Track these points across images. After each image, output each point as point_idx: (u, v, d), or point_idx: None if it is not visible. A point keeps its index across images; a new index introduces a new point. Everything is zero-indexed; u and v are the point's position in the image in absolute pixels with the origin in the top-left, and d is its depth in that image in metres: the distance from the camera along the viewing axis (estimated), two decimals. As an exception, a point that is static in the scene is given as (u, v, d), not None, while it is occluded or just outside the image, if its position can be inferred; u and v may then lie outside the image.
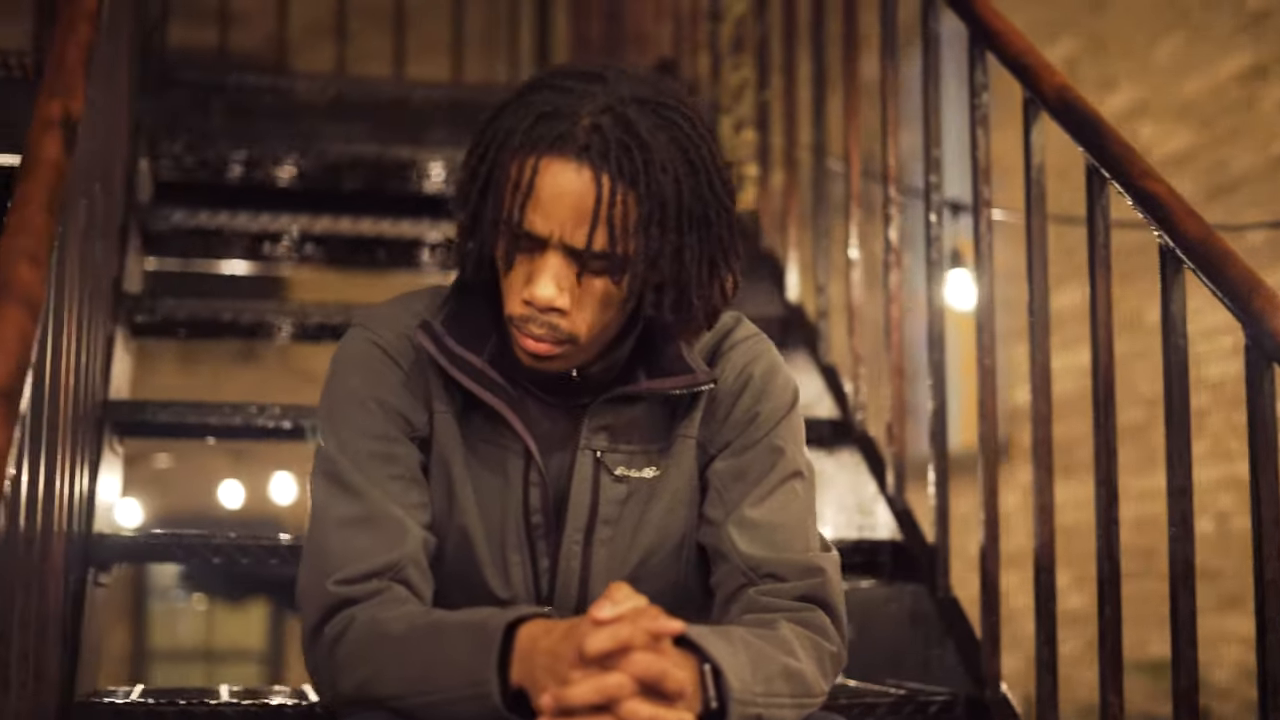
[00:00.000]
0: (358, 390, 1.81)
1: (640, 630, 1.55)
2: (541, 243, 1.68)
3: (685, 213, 1.71)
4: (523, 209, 1.68)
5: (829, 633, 1.78)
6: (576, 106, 1.68)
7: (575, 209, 1.66)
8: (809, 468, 1.89)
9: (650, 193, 1.67)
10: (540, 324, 1.70)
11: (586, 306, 1.71)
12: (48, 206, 1.70)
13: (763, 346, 1.92)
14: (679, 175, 1.70)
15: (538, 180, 1.67)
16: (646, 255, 1.68)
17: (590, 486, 1.81)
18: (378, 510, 1.75)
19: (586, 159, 1.66)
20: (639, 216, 1.67)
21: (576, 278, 1.70)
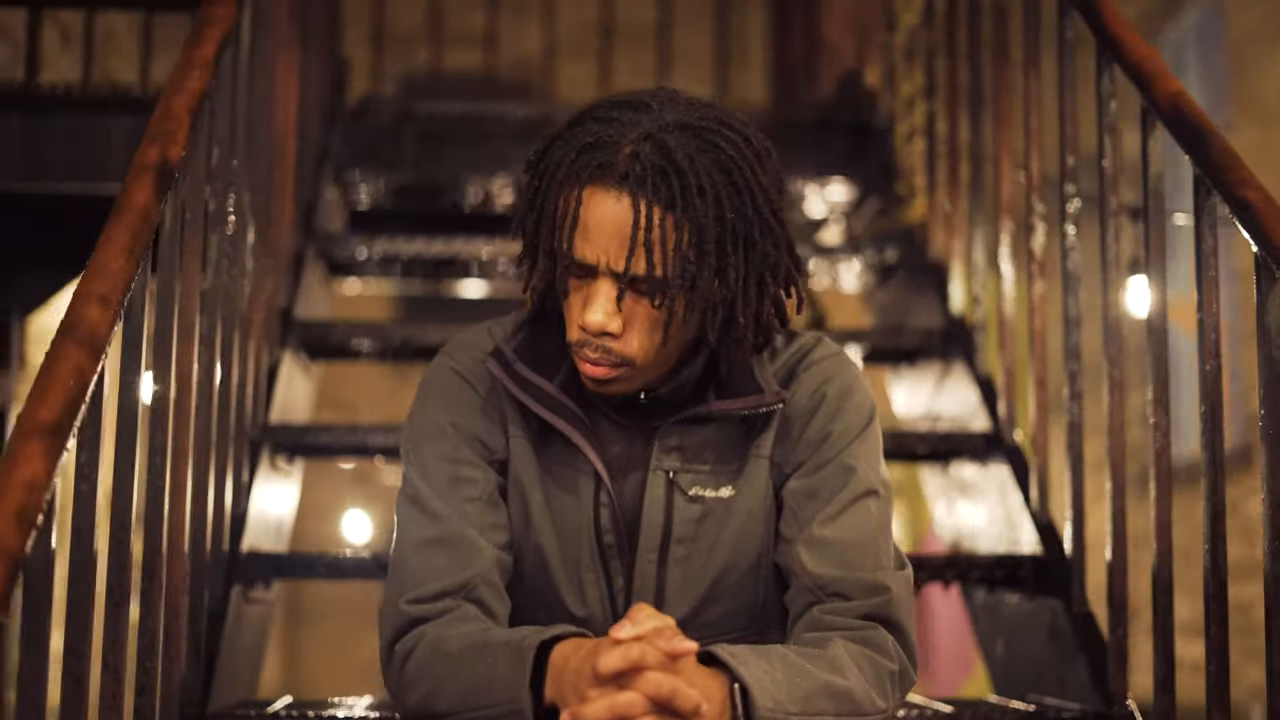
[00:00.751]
0: (437, 416, 1.88)
1: (653, 650, 1.58)
2: (592, 270, 1.74)
3: (729, 233, 1.73)
4: (571, 239, 1.74)
5: (889, 651, 1.78)
6: (618, 136, 1.72)
7: (617, 235, 1.71)
8: (885, 485, 1.89)
9: (688, 216, 1.71)
10: (595, 348, 1.76)
11: (637, 330, 1.75)
12: (128, 250, 1.82)
13: (838, 366, 1.92)
14: (720, 197, 1.72)
15: (582, 211, 1.72)
16: (684, 277, 1.72)
17: (663, 506, 1.85)
18: (453, 532, 1.82)
19: (626, 187, 1.71)
20: (677, 240, 1.71)
21: (631, 301, 1.74)
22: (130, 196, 1.91)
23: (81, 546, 1.73)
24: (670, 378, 1.85)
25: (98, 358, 1.66)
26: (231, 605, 2.64)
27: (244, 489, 2.82)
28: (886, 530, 1.88)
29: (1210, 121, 2.29)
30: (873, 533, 1.85)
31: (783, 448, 1.88)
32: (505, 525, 1.87)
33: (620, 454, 1.87)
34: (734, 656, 1.66)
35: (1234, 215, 2.13)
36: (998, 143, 3.27)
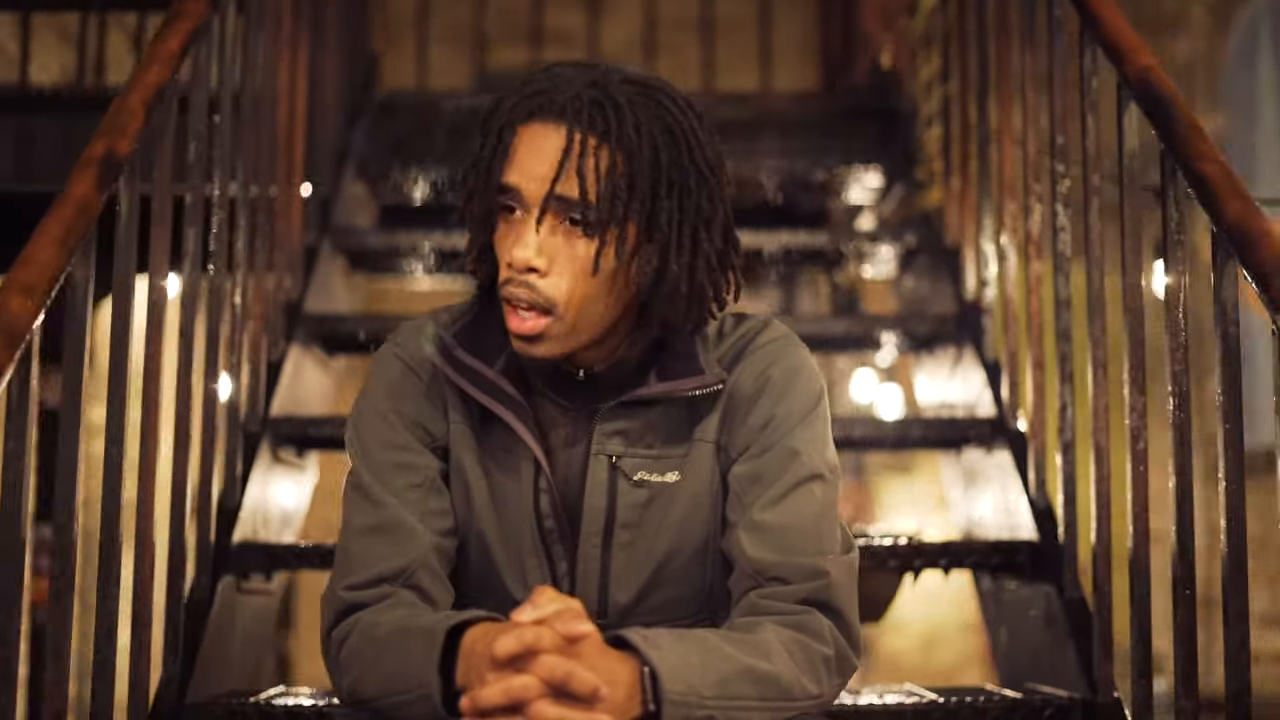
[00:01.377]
0: (379, 403, 1.88)
1: (549, 633, 1.57)
2: (521, 201, 1.73)
3: (663, 176, 1.74)
4: (501, 168, 1.74)
5: (824, 635, 1.76)
6: (563, 84, 1.75)
7: (548, 161, 1.72)
8: (832, 469, 1.87)
9: (621, 146, 1.72)
10: (519, 284, 1.74)
11: (565, 272, 1.74)
12: (58, 241, 1.84)
13: (785, 349, 1.90)
14: (656, 140, 1.74)
15: (516, 142, 1.74)
16: (614, 203, 1.72)
17: (605, 490, 1.84)
18: (391, 518, 1.82)
19: (563, 119, 1.73)
20: (610, 167, 1.72)
21: (561, 242, 1.73)
22: (69, 189, 1.94)
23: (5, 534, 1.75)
24: (610, 355, 1.83)
25: (14, 348, 1.68)
26: (220, 596, 2.66)
27: (237, 481, 2.84)
28: (831, 514, 1.85)
29: (1178, 96, 2.25)
30: (815, 517, 1.83)
31: (728, 432, 1.87)
32: (447, 511, 1.86)
33: (563, 438, 1.86)
34: (646, 640, 1.64)
35: (1190, 188, 2.09)
36: (999, 123, 3.22)
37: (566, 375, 1.84)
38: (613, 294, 1.78)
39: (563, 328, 1.76)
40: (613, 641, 1.65)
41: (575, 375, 1.84)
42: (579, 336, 1.78)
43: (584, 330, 1.78)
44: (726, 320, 1.93)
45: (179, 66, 2.31)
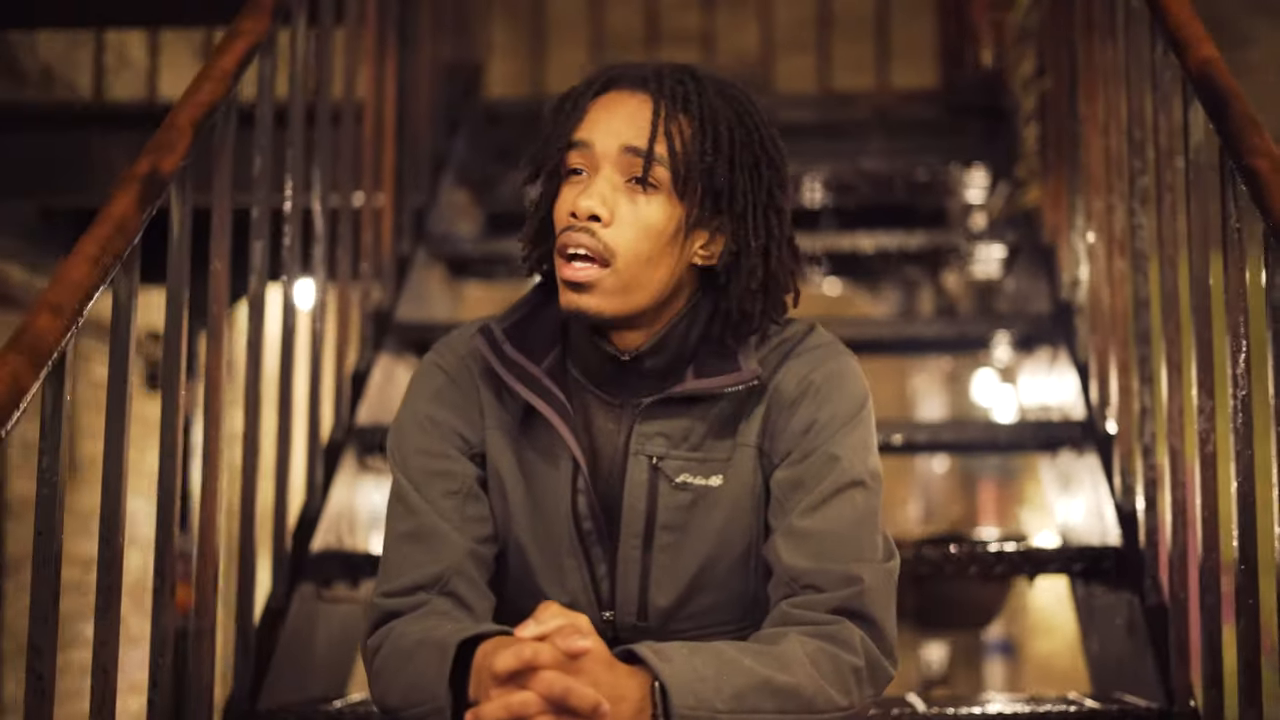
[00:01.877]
0: (418, 411, 1.90)
1: (548, 648, 1.57)
2: (593, 159, 1.76)
3: (737, 154, 1.78)
4: (574, 127, 1.78)
5: (854, 645, 1.74)
6: (645, 66, 1.81)
7: (631, 121, 1.76)
8: (874, 476, 1.85)
9: (704, 119, 1.76)
10: (579, 229, 1.74)
11: (628, 225, 1.75)
12: (92, 259, 1.88)
13: (829, 354, 1.89)
14: (731, 123, 1.78)
15: (592, 106, 1.78)
16: (688, 170, 1.74)
17: (646, 492, 1.83)
18: (426, 525, 1.84)
19: (644, 88, 1.78)
20: (694, 134, 1.75)
21: (626, 199, 1.75)
22: (108, 208, 1.97)
23: (43, 548, 1.79)
24: (655, 337, 1.82)
25: (39, 365, 1.72)
26: (296, 604, 2.70)
27: (317, 489, 2.87)
28: (871, 521, 1.83)
29: (1238, 90, 2.18)
30: (853, 524, 1.81)
31: (771, 437, 1.85)
32: (486, 518, 1.87)
33: (605, 436, 1.86)
34: (657, 654, 1.63)
35: (1244, 184, 2.02)
36: (1085, 119, 3.16)
37: (609, 363, 1.83)
38: (671, 261, 1.78)
39: (616, 282, 1.75)
40: (624, 655, 1.64)
41: (618, 357, 1.82)
42: (630, 298, 1.77)
43: (636, 292, 1.77)
44: (770, 325, 1.91)
45: (234, 83, 2.34)
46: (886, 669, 1.78)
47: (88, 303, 1.85)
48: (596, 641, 1.60)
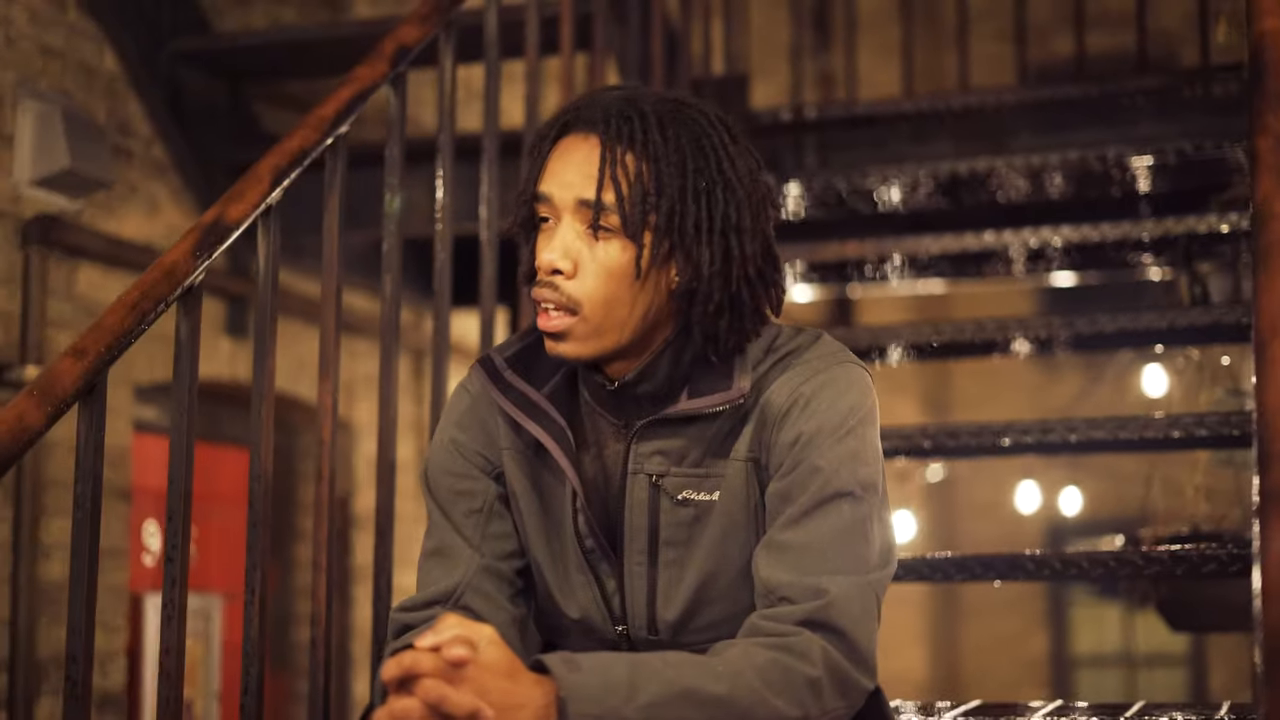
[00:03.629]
0: (444, 434, 2.02)
1: (427, 657, 1.63)
2: (554, 209, 1.84)
3: (689, 184, 1.81)
4: (537, 180, 1.86)
5: (811, 656, 1.73)
6: (598, 101, 1.87)
7: (580, 170, 1.82)
8: (865, 486, 1.84)
9: (648, 153, 1.81)
10: (544, 285, 1.83)
11: (590, 274, 1.81)
12: (130, 305, 2.07)
13: (825, 364, 1.88)
14: (684, 149, 1.82)
15: (551, 155, 1.87)
16: (644, 205, 1.80)
17: (646, 509, 1.89)
18: (447, 543, 1.96)
19: (593, 130, 1.84)
20: (638, 171, 1.80)
21: (585, 246, 1.82)
22: (162, 256, 2.17)
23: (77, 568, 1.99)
24: (640, 366, 1.87)
25: (50, 408, 1.92)
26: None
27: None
28: (856, 532, 1.82)
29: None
30: (835, 536, 1.81)
31: (765, 450, 1.87)
32: (508, 535, 1.96)
33: (615, 456, 1.92)
34: (567, 663, 1.67)
35: None
36: None
37: (603, 389, 1.89)
38: (640, 299, 1.83)
39: (586, 328, 1.82)
40: (536, 665, 1.70)
41: (608, 386, 1.88)
42: (605, 339, 1.84)
43: (609, 333, 1.83)
44: (782, 334, 1.93)
45: (332, 129, 2.50)
46: (856, 680, 1.76)
47: (119, 345, 2.04)
48: (496, 651, 1.64)
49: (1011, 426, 3.06)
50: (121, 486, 4.54)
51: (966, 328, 3.41)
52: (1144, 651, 11.99)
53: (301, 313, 5.17)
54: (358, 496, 5.72)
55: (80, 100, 4.40)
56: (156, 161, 4.73)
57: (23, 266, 4.17)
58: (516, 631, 1.94)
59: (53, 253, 4.26)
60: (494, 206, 2.98)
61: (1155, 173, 3.95)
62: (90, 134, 4.26)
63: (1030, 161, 3.96)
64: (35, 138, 4.15)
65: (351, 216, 4.39)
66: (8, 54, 4.17)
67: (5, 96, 4.15)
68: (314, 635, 2.41)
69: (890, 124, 4.46)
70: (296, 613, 5.70)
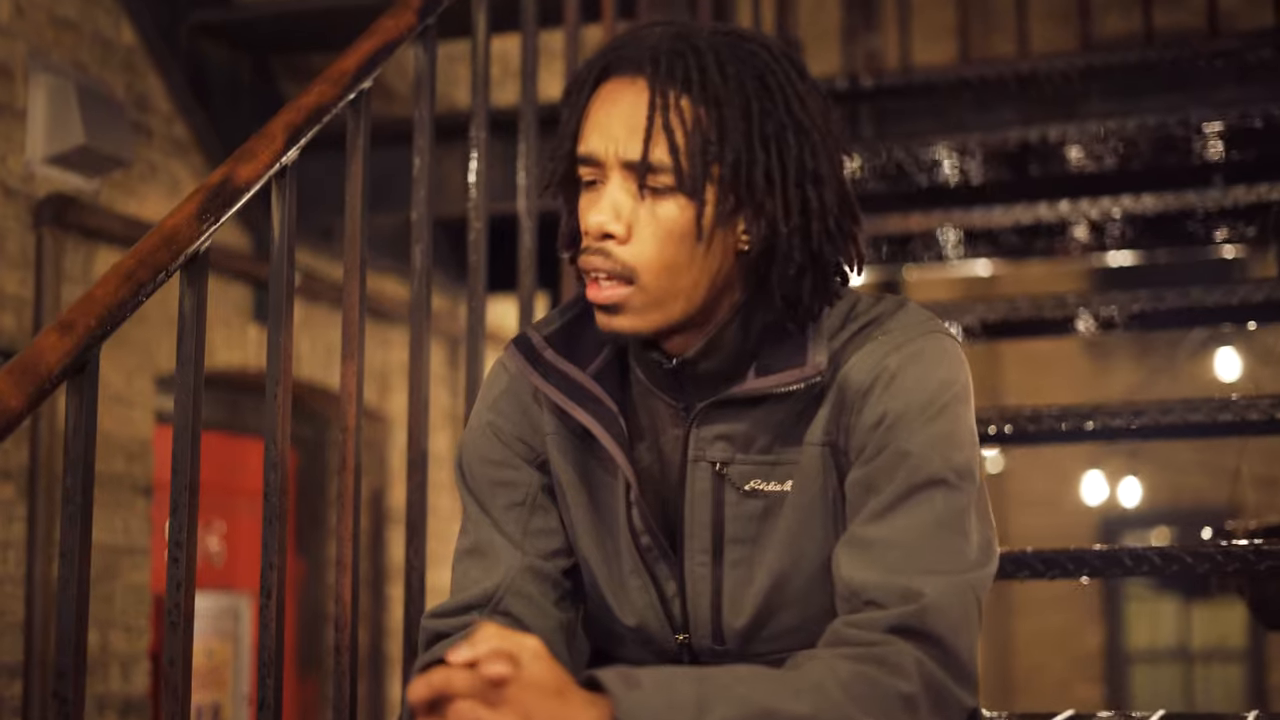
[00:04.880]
0: (483, 416, 1.82)
1: (462, 676, 1.43)
2: (600, 167, 1.61)
3: (755, 129, 1.59)
4: (578, 134, 1.63)
5: (906, 669, 1.51)
6: (643, 39, 1.63)
7: (628, 121, 1.59)
8: (960, 473, 1.62)
9: (707, 96, 1.58)
10: (595, 252, 1.60)
11: (647, 237, 1.59)
12: (127, 275, 1.84)
13: (910, 336, 1.67)
14: (746, 89, 1.59)
15: (593, 103, 1.63)
16: (705, 157, 1.57)
17: (710, 502, 1.68)
18: (485, 540, 1.75)
19: (641, 73, 1.60)
20: (695, 120, 1.57)
21: (638, 206, 1.59)
22: (163, 220, 1.94)
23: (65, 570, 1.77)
24: (703, 341, 1.65)
25: (32, 389, 1.69)
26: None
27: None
28: (954, 525, 1.60)
29: None
30: (927, 530, 1.59)
31: (844, 432, 1.65)
32: (554, 530, 1.76)
33: (673, 442, 1.71)
34: (624, 679, 1.46)
35: None
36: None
37: (660, 368, 1.68)
38: (704, 264, 1.61)
39: (644, 299, 1.60)
40: (588, 681, 1.47)
41: (666, 364, 1.66)
42: (665, 311, 1.62)
43: (670, 304, 1.61)
44: (860, 302, 1.72)
45: (354, 84, 2.27)
46: (956, 695, 1.55)
47: (112, 318, 1.82)
48: (541, 666, 1.43)
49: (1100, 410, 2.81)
50: (143, 481, 4.34)
51: (1022, 305, 3.19)
52: (1200, 647, 11.75)
53: (331, 299, 4.98)
54: (392, 492, 5.53)
55: (96, 74, 4.20)
56: (177, 140, 4.53)
57: (36, 249, 3.97)
58: (563, 640, 1.75)
59: (68, 235, 4.06)
60: (533, 181, 2.75)
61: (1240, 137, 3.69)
62: (107, 109, 4.05)
63: (1105, 126, 3.71)
64: (48, 113, 3.95)
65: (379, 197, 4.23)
66: (18, 24, 3.96)
67: (16, 69, 3.94)
68: (337, 641, 2.19)
69: (950, 92, 4.21)
70: (330, 613, 5.52)
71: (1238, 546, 2.47)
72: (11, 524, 3.86)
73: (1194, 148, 3.69)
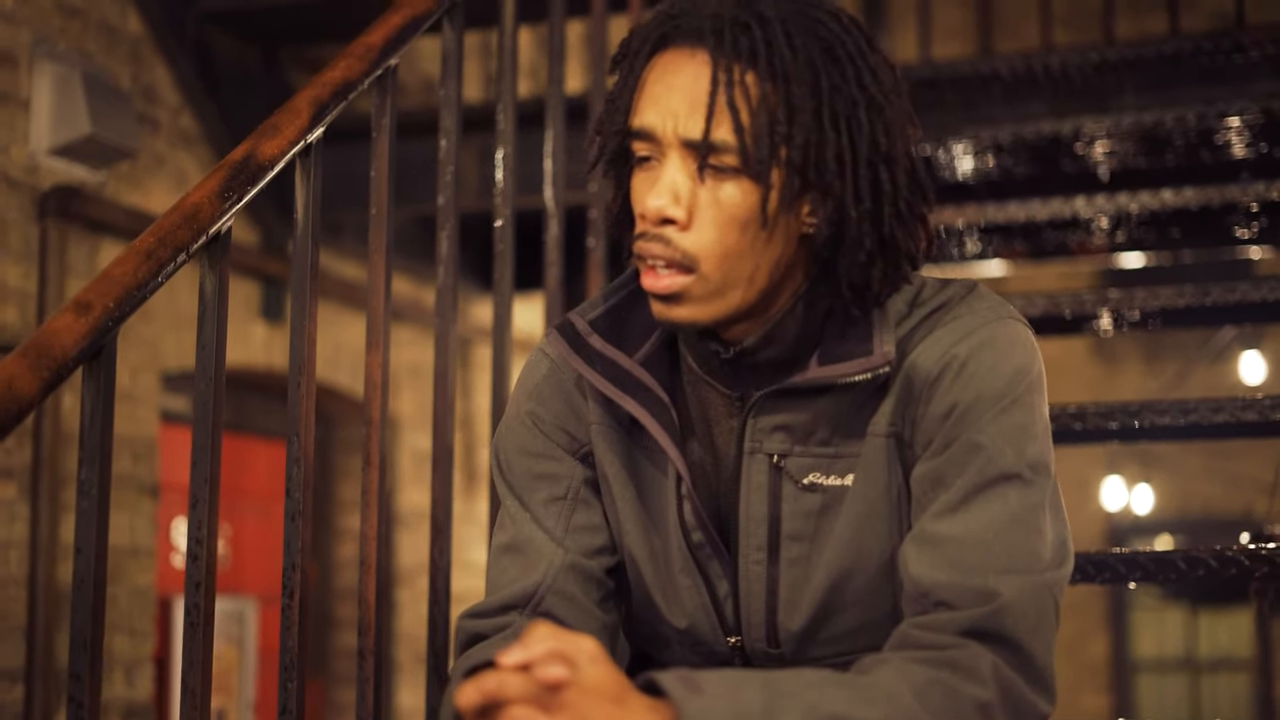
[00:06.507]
0: (522, 405, 1.71)
1: (516, 680, 1.33)
2: (658, 144, 1.49)
3: (825, 106, 1.47)
4: (632, 107, 1.52)
5: (981, 675, 1.42)
6: (703, 5, 1.51)
7: (688, 96, 1.48)
8: (1035, 468, 1.52)
9: (774, 71, 1.46)
10: (652, 239, 1.50)
11: (708, 222, 1.48)
12: (146, 254, 1.74)
13: (981, 321, 1.56)
14: (816, 64, 1.47)
15: (649, 74, 1.52)
16: (773, 137, 1.46)
17: (767, 496, 1.58)
18: (524, 536, 1.65)
19: (701, 44, 1.48)
20: (762, 97, 1.46)
21: (698, 188, 1.49)
22: (183, 197, 1.83)
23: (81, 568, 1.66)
24: (765, 327, 1.55)
25: (47, 373, 1.58)
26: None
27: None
28: (1028, 522, 1.50)
29: None
30: (1002, 527, 1.49)
31: (910, 423, 1.56)
32: (598, 526, 1.66)
33: (727, 433, 1.61)
34: (686, 684, 1.36)
35: None
36: None
37: (717, 356, 1.57)
38: (767, 250, 1.51)
39: (706, 288, 1.50)
40: (647, 685, 1.37)
41: (723, 353, 1.56)
42: (727, 300, 1.51)
43: (732, 292, 1.51)
44: (927, 286, 1.62)
45: (381, 59, 2.16)
46: (1034, 704, 1.45)
47: (131, 299, 1.70)
48: (600, 670, 1.33)
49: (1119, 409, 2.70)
50: (149, 482, 4.23)
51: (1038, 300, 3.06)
52: (1207, 657, 11.65)
53: (340, 296, 4.88)
54: (401, 493, 5.42)
55: (102, 64, 4.09)
56: (184, 131, 4.42)
57: (40, 241, 3.86)
58: (608, 642, 1.64)
59: (73, 227, 3.95)
60: (560, 170, 2.64)
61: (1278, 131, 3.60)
62: (113, 99, 3.94)
63: (1141, 120, 3.61)
64: (53, 102, 3.84)
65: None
66: (22, 10, 3.85)
67: (21, 57, 3.84)
68: (361, 645, 2.07)
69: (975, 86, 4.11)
70: (337, 617, 5.43)
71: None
72: (14, 524, 3.75)
73: (1229, 141, 3.60)
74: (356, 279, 5.01)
